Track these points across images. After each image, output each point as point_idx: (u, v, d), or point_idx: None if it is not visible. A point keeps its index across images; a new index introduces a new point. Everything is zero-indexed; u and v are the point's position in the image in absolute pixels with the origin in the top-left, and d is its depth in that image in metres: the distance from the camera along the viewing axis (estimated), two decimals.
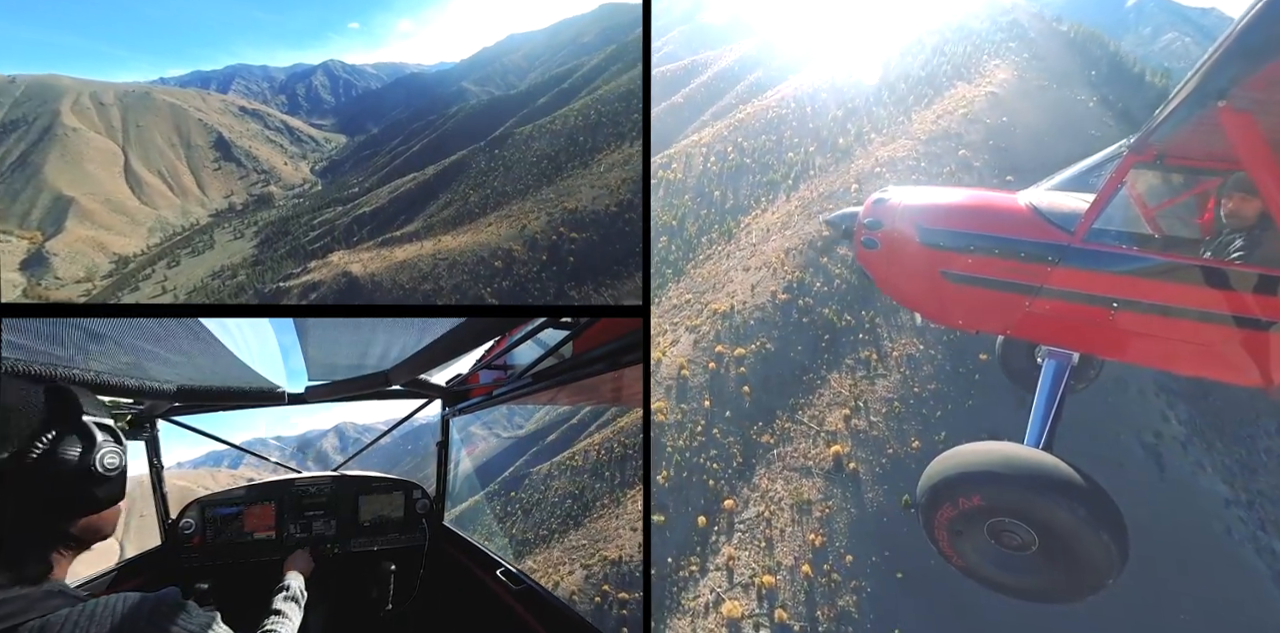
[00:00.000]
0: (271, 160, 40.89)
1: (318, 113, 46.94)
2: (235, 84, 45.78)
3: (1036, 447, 3.75)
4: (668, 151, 24.12)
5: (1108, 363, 5.00)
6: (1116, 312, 3.58)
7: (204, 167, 39.57)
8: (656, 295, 19.09)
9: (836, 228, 4.85)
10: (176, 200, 37.45)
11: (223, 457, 59.02)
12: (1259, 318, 3.25)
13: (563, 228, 28.10)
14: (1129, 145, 3.76)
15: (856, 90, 25.09)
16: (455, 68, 46.11)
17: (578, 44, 42.19)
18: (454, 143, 38.06)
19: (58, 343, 1.72)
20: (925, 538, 3.84)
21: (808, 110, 24.96)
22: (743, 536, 13.33)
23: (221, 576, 3.32)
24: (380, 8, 66.41)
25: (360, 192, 37.03)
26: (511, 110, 38.94)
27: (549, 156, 32.66)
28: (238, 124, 42.52)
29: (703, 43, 52.43)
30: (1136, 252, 3.65)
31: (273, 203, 38.20)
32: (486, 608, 3.26)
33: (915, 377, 17.10)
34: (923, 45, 26.91)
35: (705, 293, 20.02)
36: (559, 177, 31.28)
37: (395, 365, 2.65)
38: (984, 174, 22.38)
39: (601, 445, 26.71)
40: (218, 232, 35.61)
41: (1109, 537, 3.26)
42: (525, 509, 27.94)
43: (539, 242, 27.93)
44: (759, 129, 25.03)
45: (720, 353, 15.76)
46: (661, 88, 43.02)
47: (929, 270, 4.13)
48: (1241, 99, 2.79)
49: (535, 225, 28.85)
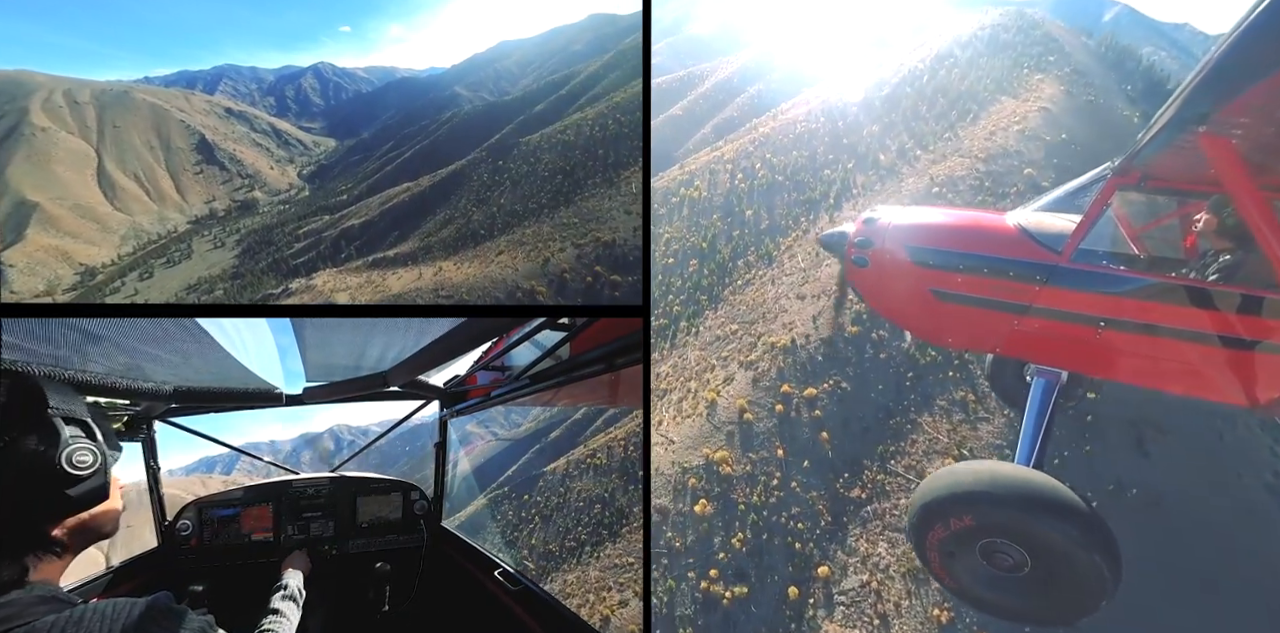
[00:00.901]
0: (257, 164, 39.14)
1: (307, 115, 45.90)
2: (223, 84, 44.58)
3: (1027, 465, 3.78)
4: (688, 167, 23.70)
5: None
6: (1103, 331, 3.63)
7: (184, 170, 37.36)
8: (693, 324, 18.34)
9: (828, 246, 4.92)
10: (153, 206, 35.06)
11: (215, 462, 57.96)
12: (1243, 337, 3.31)
13: (599, 267, 23.57)
14: (1113, 168, 3.86)
15: (891, 104, 24.70)
16: (447, 73, 45.86)
17: (569, 52, 41.82)
18: (448, 149, 36.60)
19: (54, 344, 1.72)
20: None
21: (839, 125, 24.63)
22: (847, 610, 11.43)
23: (219, 577, 3.29)
24: (372, 12, 66.99)
25: (349, 199, 35.15)
26: (508, 116, 37.60)
27: (563, 171, 29.24)
28: (222, 126, 40.76)
29: (692, 54, 52.95)
30: (1123, 272, 3.72)
31: (257, 209, 36.26)
32: (485, 609, 3.24)
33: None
34: (956, 58, 26.84)
35: (755, 324, 19.16)
36: (579, 196, 27.51)
37: (393, 367, 2.67)
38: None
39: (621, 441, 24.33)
40: (196, 240, 33.25)
41: (1101, 558, 3.25)
42: (543, 515, 25.71)
43: (569, 283, 23.30)
44: (788, 144, 24.56)
45: (787, 394, 14.44)
46: (658, 99, 43.04)
47: (919, 289, 4.19)
48: (1221, 124, 2.88)
49: (561, 260, 24.03)
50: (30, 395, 1.18)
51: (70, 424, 1.20)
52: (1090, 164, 4.30)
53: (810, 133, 24.88)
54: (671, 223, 21.87)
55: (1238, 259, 3.45)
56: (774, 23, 56.19)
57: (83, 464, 1.19)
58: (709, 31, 58.70)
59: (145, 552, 3.46)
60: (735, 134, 28.00)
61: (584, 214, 26.72)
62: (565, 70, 39.74)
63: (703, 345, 19.60)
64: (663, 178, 23.36)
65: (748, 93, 40.12)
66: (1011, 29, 29.03)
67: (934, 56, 27.68)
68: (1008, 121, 22.55)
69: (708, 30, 59.15)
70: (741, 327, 19.94)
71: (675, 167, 24.28)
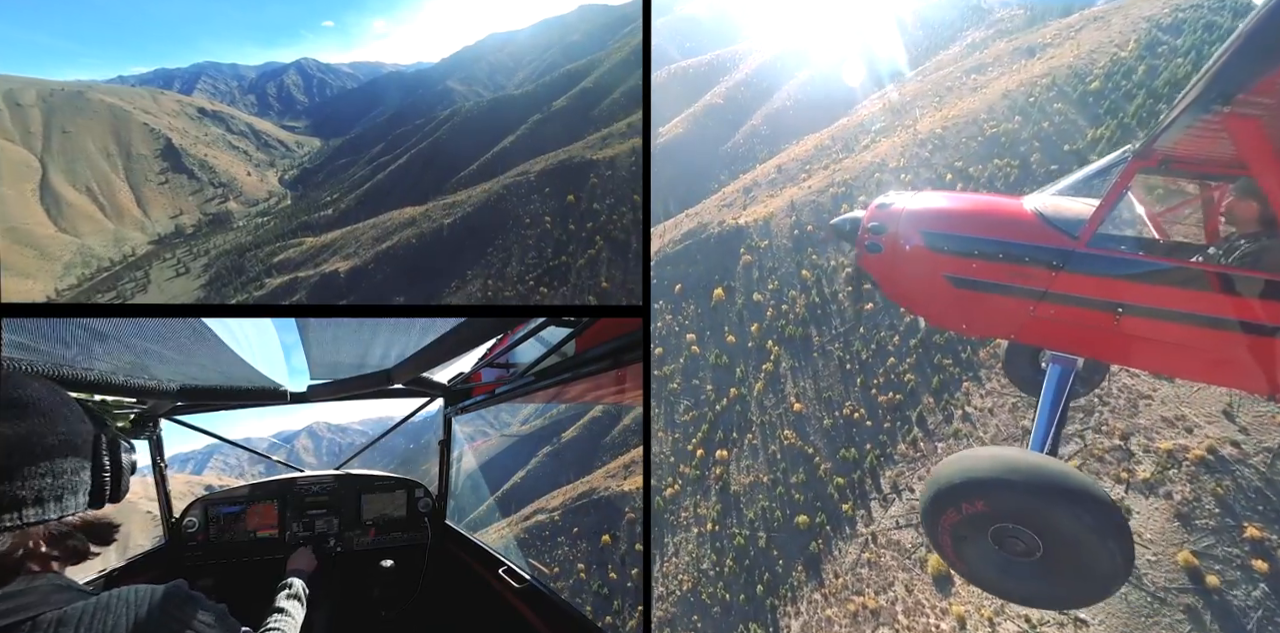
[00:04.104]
0: (232, 170, 34.35)
1: (290, 113, 43.69)
2: (201, 82, 42.23)
3: (1041, 452, 3.74)
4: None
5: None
6: (1121, 317, 3.56)
7: (147, 180, 31.99)
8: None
9: (840, 232, 4.85)
10: (108, 224, 29.52)
11: (187, 460, 58.61)
12: (1264, 323, 3.23)
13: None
14: (1134, 150, 3.75)
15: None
16: (435, 67, 44.03)
17: (566, 43, 39.53)
18: (451, 152, 32.33)
19: (62, 343, 1.73)
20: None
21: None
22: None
23: (224, 574, 3.34)
24: (354, 7, 65.73)
25: (335, 214, 29.66)
26: (518, 114, 34.04)
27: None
28: (194, 128, 35.96)
29: (690, 35, 52.47)
30: (1141, 256, 3.64)
31: (231, 223, 31.13)
32: (489, 606, 3.27)
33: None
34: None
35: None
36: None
37: (397, 364, 2.67)
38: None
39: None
40: (157, 265, 27.92)
41: (1114, 544, 3.23)
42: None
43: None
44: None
45: None
46: (690, 86, 41.77)
47: (933, 275, 4.13)
48: (1247, 104, 2.78)
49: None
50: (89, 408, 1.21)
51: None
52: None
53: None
54: None
55: (1262, 244, 3.36)
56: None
57: (127, 463, 1.25)
58: (705, 13, 57.84)
59: (152, 548, 3.52)
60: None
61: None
62: (569, 65, 36.99)
63: None
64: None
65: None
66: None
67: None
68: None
69: (704, 11, 58.26)
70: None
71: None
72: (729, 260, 40.56)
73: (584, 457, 36.47)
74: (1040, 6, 53.00)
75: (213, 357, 2.32)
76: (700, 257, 40.86)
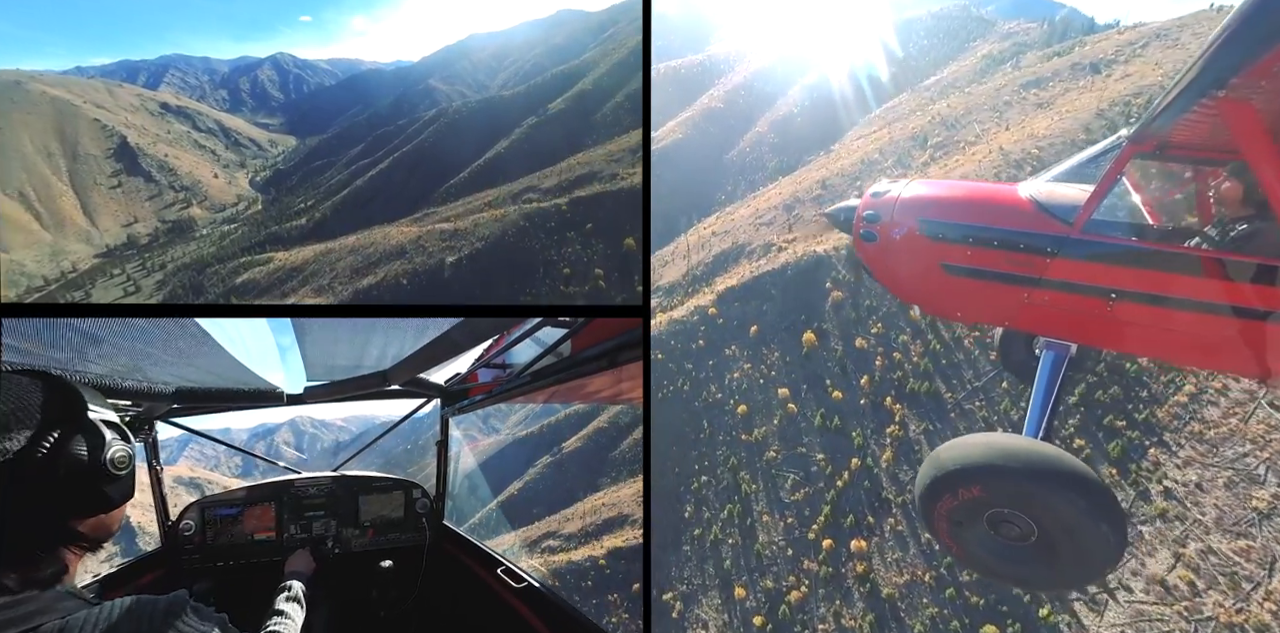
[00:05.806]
0: (196, 172, 29.06)
1: (264, 110, 41.07)
2: (169, 75, 39.24)
3: (1035, 437, 3.78)
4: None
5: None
6: (1115, 302, 3.59)
7: (95, 184, 26.07)
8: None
9: (835, 221, 4.85)
10: (45, 236, 23.63)
11: (160, 450, 58.75)
12: (1257, 308, 3.26)
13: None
14: (1128, 136, 3.75)
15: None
16: (416, 66, 42.70)
17: (549, 45, 38.26)
18: (438, 157, 28.64)
19: (55, 347, 1.72)
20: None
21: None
22: None
23: (222, 576, 3.34)
24: (332, 3, 63.75)
25: (310, 224, 25.02)
26: (511, 117, 31.14)
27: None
28: (154, 125, 30.33)
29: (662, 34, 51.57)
30: (1135, 242, 3.66)
31: (193, 231, 25.65)
32: (487, 606, 3.29)
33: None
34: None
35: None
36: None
37: (394, 365, 2.66)
38: None
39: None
40: (101, 283, 21.90)
41: (1108, 527, 3.27)
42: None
43: None
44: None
45: None
46: (690, 85, 39.83)
47: (928, 263, 4.15)
48: (1241, 88, 2.78)
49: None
50: (70, 398, 1.21)
51: (108, 427, 1.24)
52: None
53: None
54: None
55: (1255, 228, 3.38)
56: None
57: (122, 464, 1.24)
58: (675, 12, 56.30)
59: (149, 551, 3.52)
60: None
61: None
62: (554, 67, 35.28)
63: None
64: None
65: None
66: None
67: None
68: None
69: (673, 10, 56.72)
70: None
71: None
72: (814, 297, 35.33)
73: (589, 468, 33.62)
74: (1045, 17, 52.30)
75: (208, 359, 2.31)
76: (775, 291, 36.06)
